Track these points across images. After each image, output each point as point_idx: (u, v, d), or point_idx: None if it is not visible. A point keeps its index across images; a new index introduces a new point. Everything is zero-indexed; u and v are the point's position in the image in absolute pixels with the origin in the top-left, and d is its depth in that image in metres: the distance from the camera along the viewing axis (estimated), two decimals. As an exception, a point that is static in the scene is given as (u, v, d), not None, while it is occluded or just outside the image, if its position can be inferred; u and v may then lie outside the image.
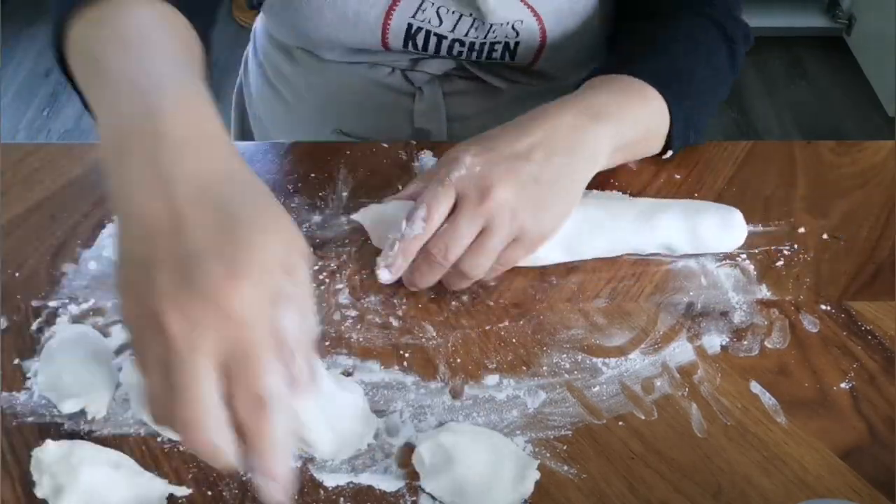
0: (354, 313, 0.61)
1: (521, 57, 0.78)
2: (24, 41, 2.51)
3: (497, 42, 0.76)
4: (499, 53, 0.78)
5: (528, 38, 0.76)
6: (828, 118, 2.24)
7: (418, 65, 0.81)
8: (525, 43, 0.77)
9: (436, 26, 0.75)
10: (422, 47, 0.77)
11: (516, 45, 0.77)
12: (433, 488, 0.51)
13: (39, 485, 0.49)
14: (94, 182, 0.72)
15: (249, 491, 0.51)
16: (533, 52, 0.78)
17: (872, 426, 0.55)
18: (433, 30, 0.75)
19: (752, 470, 0.53)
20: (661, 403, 0.56)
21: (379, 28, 0.75)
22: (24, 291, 0.63)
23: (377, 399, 0.56)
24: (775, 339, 0.60)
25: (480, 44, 0.77)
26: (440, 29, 0.75)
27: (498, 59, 0.78)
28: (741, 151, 0.75)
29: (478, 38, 0.76)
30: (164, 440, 0.54)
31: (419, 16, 0.74)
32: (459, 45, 0.77)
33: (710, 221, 0.64)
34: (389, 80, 0.83)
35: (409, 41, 0.76)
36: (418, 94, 0.83)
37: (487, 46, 0.77)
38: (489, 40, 0.76)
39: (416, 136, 0.84)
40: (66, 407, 0.54)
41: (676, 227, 0.63)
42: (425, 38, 0.76)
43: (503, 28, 0.75)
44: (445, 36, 0.76)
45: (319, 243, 0.66)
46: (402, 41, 0.76)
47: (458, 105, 0.84)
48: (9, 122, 2.23)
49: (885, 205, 0.70)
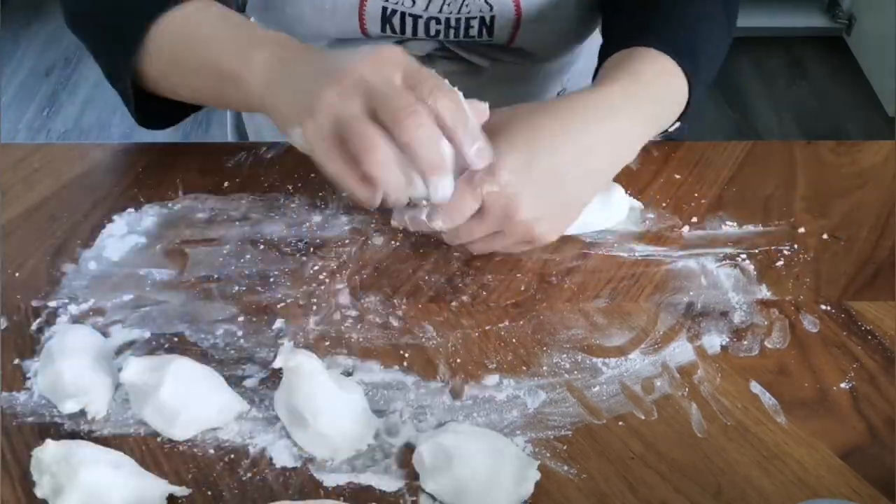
0: (354, 313, 0.61)
1: (499, 33, 0.78)
2: (24, 41, 2.51)
3: (472, 17, 0.76)
4: (476, 30, 0.78)
5: (503, 10, 0.76)
6: (828, 118, 2.24)
7: (403, 47, 0.82)
8: (501, 16, 0.76)
9: (409, 7, 0.75)
10: (399, 30, 0.78)
11: (492, 19, 0.77)
12: (433, 488, 0.51)
13: (39, 485, 0.49)
14: (94, 182, 0.72)
15: (249, 491, 0.51)
16: (510, 28, 0.78)
17: (872, 426, 0.55)
18: (407, 10, 0.76)
19: (752, 470, 0.53)
20: (661, 403, 0.56)
21: (356, 14, 0.76)
22: (24, 291, 0.63)
23: (377, 399, 0.56)
24: (775, 339, 0.60)
25: (456, 19, 0.76)
26: (414, 9, 0.76)
27: (476, 35, 0.78)
28: (741, 151, 0.75)
29: (452, 14, 0.76)
30: (164, 440, 0.54)
31: None
32: (436, 24, 0.77)
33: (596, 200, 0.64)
34: None
35: (386, 24, 0.77)
36: None
37: (464, 22, 0.77)
38: (464, 15, 0.76)
39: None
40: (66, 407, 0.54)
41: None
42: (401, 19, 0.77)
43: (476, 2, 0.75)
44: (420, 15, 0.76)
45: (319, 243, 0.66)
46: (379, 25, 0.77)
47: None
48: (9, 121, 2.23)
49: (885, 205, 0.70)
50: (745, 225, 0.68)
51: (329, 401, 0.53)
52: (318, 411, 0.52)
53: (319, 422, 0.52)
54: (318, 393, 0.52)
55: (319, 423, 0.52)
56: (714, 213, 0.69)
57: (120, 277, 0.64)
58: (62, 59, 2.45)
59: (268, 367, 0.58)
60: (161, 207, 0.70)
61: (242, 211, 0.69)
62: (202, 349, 0.59)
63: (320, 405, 0.52)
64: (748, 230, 0.68)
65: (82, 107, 2.29)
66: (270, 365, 0.58)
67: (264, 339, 0.60)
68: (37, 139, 2.18)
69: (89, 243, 0.66)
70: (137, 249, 0.66)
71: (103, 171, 0.73)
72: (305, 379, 0.52)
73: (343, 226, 0.68)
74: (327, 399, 0.53)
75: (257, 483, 0.52)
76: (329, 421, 0.52)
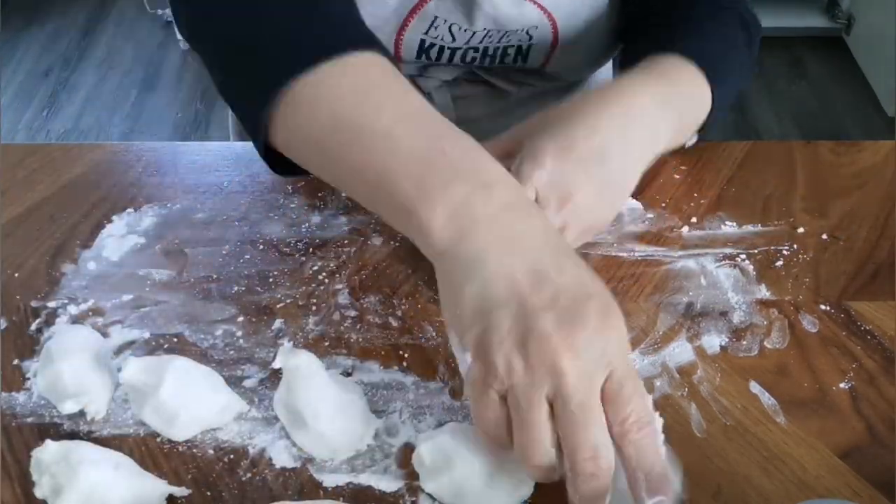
0: (354, 313, 0.61)
1: (533, 59, 0.78)
2: (23, 41, 2.52)
3: (510, 46, 0.76)
4: (511, 58, 0.77)
5: (542, 38, 0.76)
6: (828, 118, 2.24)
7: (428, 71, 0.81)
8: (538, 45, 0.76)
9: (448, 42, 0.74)
10: (435, 59, 0.77)
11: (529, 48, 0.77)
12: (433, 489, 0.51)
13: (39, 485, 0.49)
14: (94, 182, 0.72)
15: (249, 491, 0.51)
16: (545, 54, 0.78)
17: (872, 426, 0.55)
18: (447, 45, 0.75)
19: (751, 470, 0.53)
20: (661, 403, 0.56)
21: (391, 44, 0.74)
22: (24, 292, 0.63)
23: (377, 399, 0.56)
24: (775, 339, 0.60)
25: (494, 48, 0.76)
26: (453, 45, 0.74)
27: (510, 63, 0.78)
28: (741, 151, 0.75)
29: (491, 44, 0.76)
30: (163, 440, 0.54)
31: (431, 32, 0.74)
32: (473, 52, 0.76)
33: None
34: None
35: (422, 54, 0.76)
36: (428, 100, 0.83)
37: (500, 51, 0.77)
38: (503, 44, 0.76)
39: None
40: (66, 407, 0.54)
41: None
42: (438, 52, 0.76)
43: (517, 34, 0.75)
44: (459, 48, 0.75)
45: (319, 243, 0.66)
46: (415, 54, 0.76)
47: (467, 108, 0.84)
48: (8, 122, 2.23)
49: (885, 205, 0.70)
50: (744, 225, 0.68)
51: (329, 401, 0.53)
52: (318, 411, 0.52)
53: (319, 422, 0.52)
54: (317, 393, 0.52)
55: (319, 424, 0.52)
56: (713, 213, 0.69)
57: (119, 278, 0.64)
58: (61, 60, 2.45)
59: (267, 368, 0.58)
60: (161, 207, 0.70)
61: (242, 211, 0.69)
62: (201, 349, 0.59)
63: (320, 405, 0.52)
64: (747, 230, 0.68)
65: (81, 107, 2.30)
66: (270, 365, 0.58)
67: (264, 339, 0.60)
68: (36, 140, 2.18)
69: (89, 243, 0.66)
70: (137, 250, 0.66)
71: (103, 171, 0.73)
72: (305, 379, 0.52)
73: (342, 226, 0.68)
74: (327, 399, 0.53)
75: (257, 483, 0.52)
76: (329, 421, 0.52)
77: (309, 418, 0.52)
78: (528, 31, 0.74)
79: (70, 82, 2.38)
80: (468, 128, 0.84)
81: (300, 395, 0.52)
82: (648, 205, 0.69)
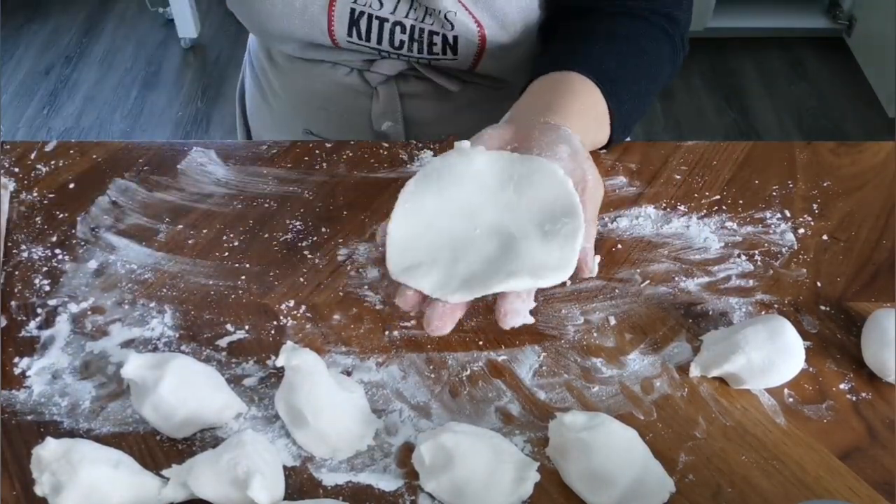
0: (355, 311, 0.61)
1: (464, 56, 0.79)
2: (24, 39, 2.52)
3: (435, 33, 0.77)
4: (439, 48, 0.79)
5: (465, 32, 0.77)
6: (828, 118, 2.24)
7: (373, 66, 0.84)
8: (463, 38, 0.77)
9: (377, 9, 0.77)
10: (365, 36, 0.79)
11: (455, 39, 0.78)
12: (432, 488, 0.51)
13: (39, 483, 0.49)
14: (95, 180, 0.72)
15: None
16: (474, 52, 0.79)
17: (872, 427, 0.55)
18: (374, 13, 0.77)
19: (751, 470, 0.53)
20: (661, 403, 0.56)
21: (325, 15, 0.77)
22: (24, 290, 0.63)
23: (377, 399, 0.56)
24: (775, 340, 0.60)
25: (419, 31, 0.77)
26: (381, 12, 0.77)
27: (440, 54, 0.79)
28: (741, 152, 0.75)
29: (416, 22, 0.77)
30: (163, 439, 0.54)
31: (360, 0, 0.76)
32: (401, 32, 0.78)
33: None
34: (348, 80, 0.85)
35: (353, 27, 0.78)
36: (375, 95, 0.85)
37: (427, 37, 0.78)
38: (427, 26, 0.77)
39: (376, 138, 0.85)
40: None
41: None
42: (368, 22, 0.78)
43: (438, 17, 0.76)
44: (386, 19, 0.77)
45: (320, 242, 0.66)
46: (346, 27, 0.78)
47: (416, 109, 0.86)
48: (8, 120, 2.23)
49: (885, 206, 0.70)
50: (744, 225, 0.68)
51: (330, 400, 0.53)
52: (319, 410, 0.52)
53: (320, 421, 0.52)
54: (319, 392, 0.52)
55: (319, 422, 0.52)
56: (714, 213, 0.69)
57: (120, 276, 0.64)
58: (62, 58, 2.45)
59: (267, 367, 0.58)
60: (161, 206, 0.70)
61: (242, 210, 0.69)
62: (202, 348, 0.59)
63: (321, 404, 0.52)
64: (748, 231, 0.68)
65: (82, 105, 2.30)
66: (270, 364, 0.58)
67: (264, 338, 0.60)
68: (37, 138, 2.18)
69: (89, 242, 0.66)
70: (137, 248, 0.66)
71: (103, 169, 0.73)
72: (307, 378, 0.52)
73: (342, 226, 0.68)
74: (328, 398, 0.53)
75: (257, 482, 0.52)
76: (329, 420, 0.52)
77: (310, 417, 0.52)
78: (447, 17, 0.75)
79: (71, 80, 2.38)
80: (419, 130, 0.86)
81: (302, 394, 0.52)
82: (649, 204, 0.69)
